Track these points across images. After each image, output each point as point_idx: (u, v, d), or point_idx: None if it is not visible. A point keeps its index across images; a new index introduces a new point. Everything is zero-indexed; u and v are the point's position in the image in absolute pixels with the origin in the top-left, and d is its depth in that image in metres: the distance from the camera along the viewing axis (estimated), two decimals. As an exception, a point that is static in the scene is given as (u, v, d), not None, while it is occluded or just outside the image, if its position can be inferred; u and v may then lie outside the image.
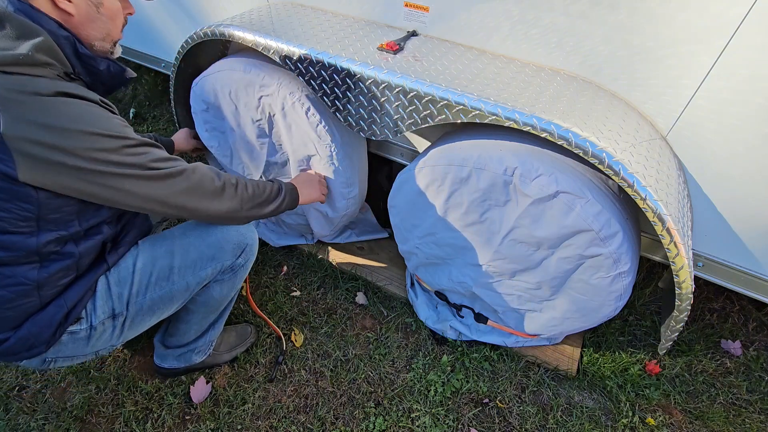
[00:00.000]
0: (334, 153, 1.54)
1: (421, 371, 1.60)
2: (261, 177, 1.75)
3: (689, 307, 1.31)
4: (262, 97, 1.54)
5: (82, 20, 0.98)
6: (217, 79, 1.59)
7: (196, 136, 1.83)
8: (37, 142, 0.86)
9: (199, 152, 1.91)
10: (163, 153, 1.04)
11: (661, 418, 1.51)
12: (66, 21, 0.96)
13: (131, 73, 1.12)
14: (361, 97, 1.39)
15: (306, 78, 1.44)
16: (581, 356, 1.67)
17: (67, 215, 0.98)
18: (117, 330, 1.17)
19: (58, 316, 1.05)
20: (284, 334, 1.69)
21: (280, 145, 1.66)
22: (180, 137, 1.79)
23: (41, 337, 1.04)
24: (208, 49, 1.76)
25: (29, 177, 0.88)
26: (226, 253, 1.27)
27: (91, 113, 0.92)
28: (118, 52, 1.11)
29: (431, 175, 1.36)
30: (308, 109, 1.48)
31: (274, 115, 1.57)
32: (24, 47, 0.87)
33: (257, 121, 1.61)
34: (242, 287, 1.76)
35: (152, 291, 1.18)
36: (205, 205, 1.10)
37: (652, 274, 1.96)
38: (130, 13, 1.11)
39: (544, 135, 1.16)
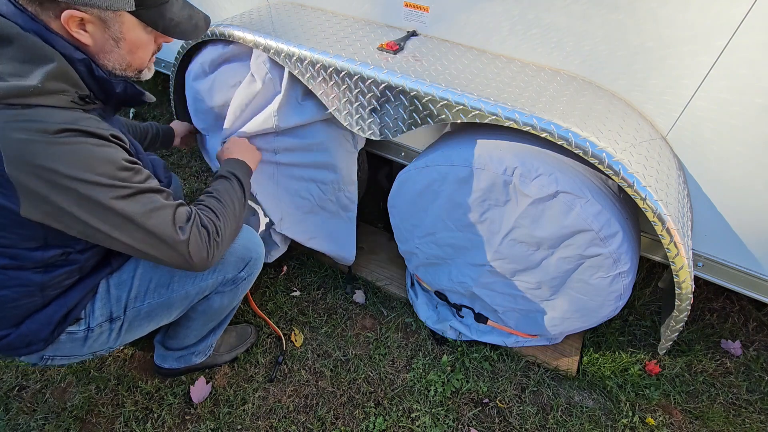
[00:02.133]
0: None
1: (421, 371, 1.60)
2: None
3: (689, 307, 1.31)
4: None
5: (98, 51, 0.92)
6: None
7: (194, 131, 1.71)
8: (38, 184, 0.83)
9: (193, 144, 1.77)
10: (159, 200, 0.96)
11: (661, 418, 1.51)
12: (81, 47, 0.91)
13: (150, 98, 1.06)
14: (360, 98, 1.39)
15: (306, 78, 1.44)
16: (581, 356, 1.67)
17: (72, 236, 0.97)
18: (114, 334, 1.17)
19: (58, 316, 1.05)
20: (284, 334, 1.69)
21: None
22: (181, 128, 1.65)
23: (40, 335, 1.05)
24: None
25: (31, 213, 0.87)
26: (229, 266, 1.25)
27: (93, 155, 0.87)
28: (146, 75, 1.05)
29: (431, 175, 1.36)
30: None
31: None
32: (35, 76, 0.82)
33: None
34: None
35: (151, 297, 1.17)
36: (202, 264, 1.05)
37: (652, 274, 1.96)
38: (167, 41, 1.03)
39: (543, 135, 1.16)
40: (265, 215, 1.67)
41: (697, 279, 1.42)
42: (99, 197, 0.88)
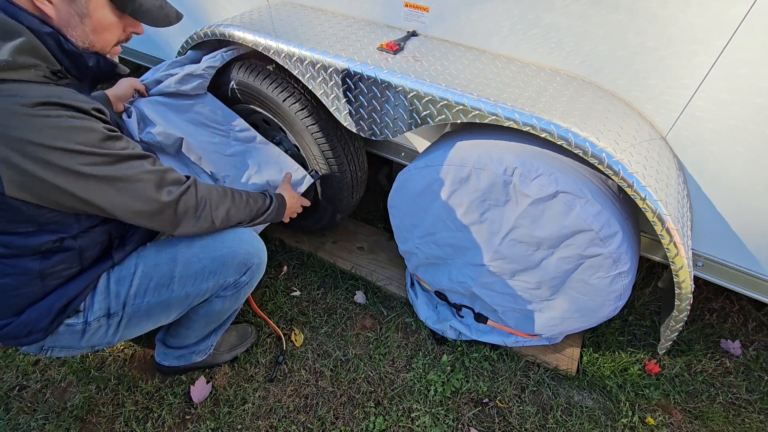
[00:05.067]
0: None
1: (421, 371, 1.60)
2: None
3: (689, 307, 1.31)
4: None
5: (61, 24, 0.91)
6: None
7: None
8: (20, 159, 0.84)
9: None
10: (145, 165, 1.00)
11: (660, 418, 1.51)
12: (46, 20, 0.90)
13: (123, 69, 1.06)
14: (360, 98, 1.39)
15: (306, 78, 1.44)
16: (581, 356, 1.67)
17: (64, 219, 0.98)
18: (111, 329, 1.17)
19: (57, 306, 1.06)
20: (284, 334, 1.69)
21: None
22: (120, 91, 1.51)
23: (39, 324, 1.05)
24: (208, 50, 1.76)
25: (14, 192, 0.87)
26: (230, 270, 1.24)
27: (72, 126, 0.87)
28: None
29: (431, 175, 1.36)
30: None
31: None
32: (4, 51, 0.82)
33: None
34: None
35: (150, 296, 1.17)
36: (184, 229, 1.11)
37: (652, 274, 1.96)
38: (137, 32, 1.04)
39: (543, 135, 1.16)
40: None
41: (696, 279, 1.42)
42: (80, 167, 0.89)
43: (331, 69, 1.38)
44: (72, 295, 1.07)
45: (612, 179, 1.23)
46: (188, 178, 1.11)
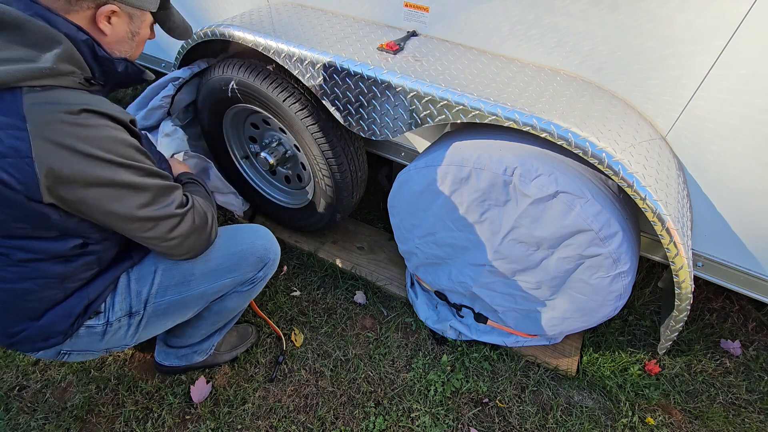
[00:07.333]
0: None
1: (421, 371, 1.60)
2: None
3: (689, 307, 1.31)
4: None
5: (112, 41, 0.97)
6: None
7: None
8: (62, 165, 0.85)
9: None
10: (168, 183, 1.04)
11: (660, 418, 1.51)
12: (98, 38, 0.94)
13: (149, 75, 1.11)
14: (361, 98, 1.39)
15: (306, 78, 1.44)
16: (581, 356, 1.67)
17: (89, 227, 0.99)
18: (132, 329, 1.18)
19: (78, 308, 1.06)
20: (284, 334, 1.69)
21: None
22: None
23: (60, 327, 1.05)
24: (208, 50, 1.76)
25: (51, 199, 0.88)
26: (248, 266, 1.27)
27: (113, 137, 0.91)
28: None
29: (431, 175, 1.36)
30: None
31: None
32: (47, 59, 0.84)
33: None
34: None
35: (171, 294, 1.18)
36: (201, 241, 1.14)
37: (652, 274, 1.96)
38: (150, 38, 1.10)
39: (543, 135, 1.16)
40: (238, 196, 1.91)
41: (696, 279, 1.42)
42: (124, 177, 0.93)
43: (331, 69, 1.38)
44: (93, 297, 1.08)
45: (612, 179, 1.23)
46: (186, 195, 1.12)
